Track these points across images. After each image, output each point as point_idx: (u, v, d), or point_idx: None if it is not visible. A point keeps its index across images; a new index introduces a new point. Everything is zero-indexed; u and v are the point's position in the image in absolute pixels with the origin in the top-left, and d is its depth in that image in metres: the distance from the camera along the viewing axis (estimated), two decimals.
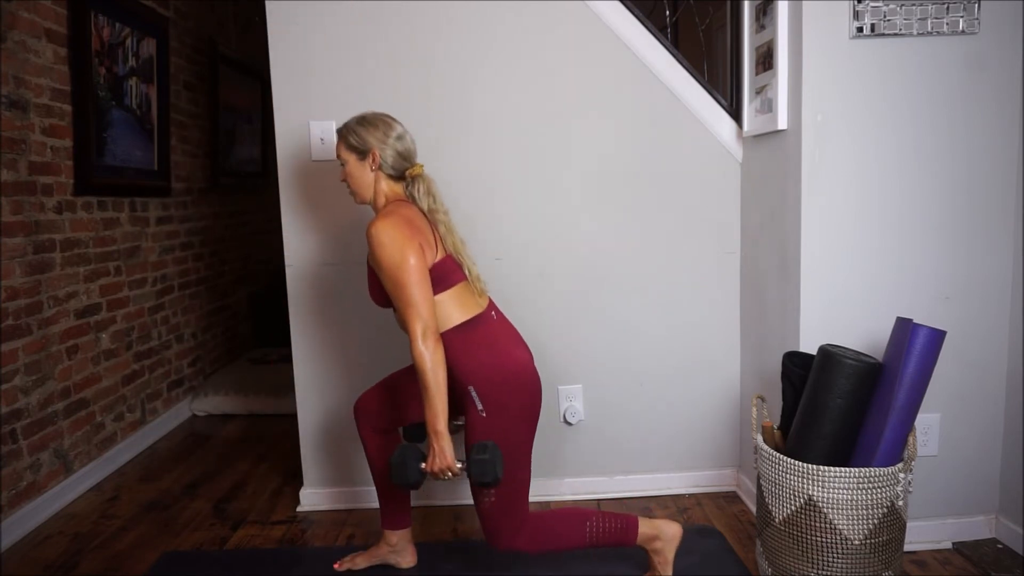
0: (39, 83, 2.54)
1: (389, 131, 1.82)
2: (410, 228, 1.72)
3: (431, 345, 1.66)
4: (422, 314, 1.67)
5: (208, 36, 3.97)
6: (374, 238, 1.70)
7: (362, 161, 1.82)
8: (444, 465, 1.69)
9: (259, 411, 3.62)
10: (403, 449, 1.72)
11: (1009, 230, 2.03)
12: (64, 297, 2.68)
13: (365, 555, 2.09)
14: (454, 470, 1.70)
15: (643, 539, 1.88)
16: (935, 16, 1.93)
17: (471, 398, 1.75)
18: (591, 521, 1.86)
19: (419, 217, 1.80)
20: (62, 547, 2.30)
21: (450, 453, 1.69)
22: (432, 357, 1.66)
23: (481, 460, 1.67)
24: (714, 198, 2.44)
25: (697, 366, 2.51)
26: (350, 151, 1.83)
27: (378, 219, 1.73)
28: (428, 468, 1.71)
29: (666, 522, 1.90)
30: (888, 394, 1.74)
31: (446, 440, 1.69)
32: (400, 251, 1.68)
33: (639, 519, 1.88)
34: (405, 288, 1.68)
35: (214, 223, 4.07)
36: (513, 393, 1.77)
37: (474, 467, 1.67)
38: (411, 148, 1.86)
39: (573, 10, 2.35)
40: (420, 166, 1.86)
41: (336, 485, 2.52)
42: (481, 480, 1.67)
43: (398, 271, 1.68)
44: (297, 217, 2.41)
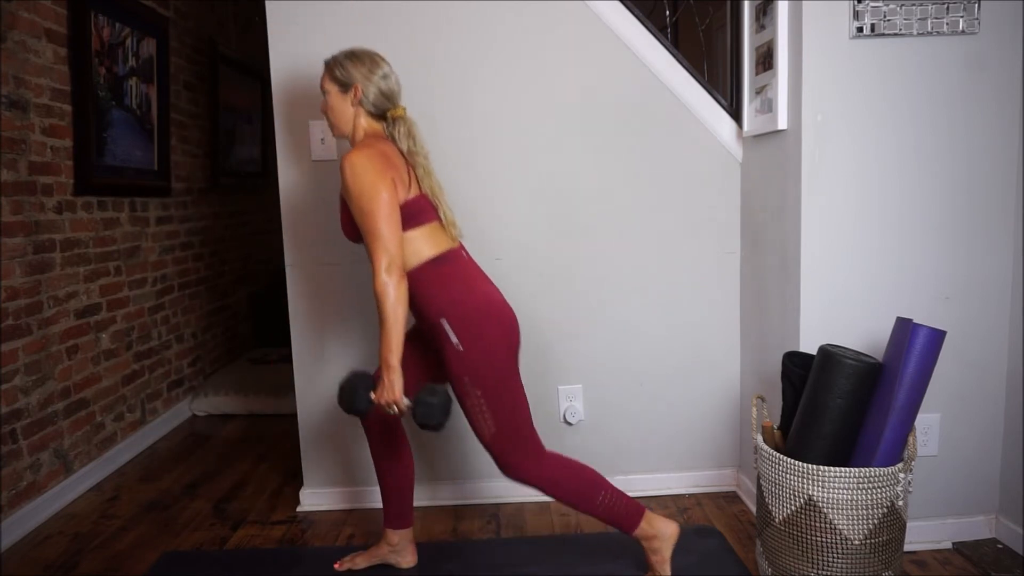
0: (39, 83, 2.54)
1: (375, 68, 1.83)
2: (384, 161, 1.73)
3: (395, 279, 1.67)
4: (388, 247, 1.68)
5: (208, 36, 3.97)
6: (348, 167, 1.71)
7: (344, 94, 1.83)
8: (392, 398, 1.70)
9: (259, 411, 3.62)
10: (355, 375, 1.74)
11: (1009, 230, 2.03)
12: (64, 297, 2.68)
13: (365, 555, 2.09)
14: (400, 406, 1.71)
15: (641, 534, 1.88)
16: (935, 16, 1.93)
17: (445, 333, 1.75)
18: (604, 493, 1.86)
19: (396, 155, 1.81)
20: (62, 547, 2.30)
21: (399, 388, 1.70)
22: (395, 291, 1.67)
23: (428, 403, 1.67)
24: (714, 198, 2.44)
25: (697, 366, 2.51)
26: (333, 82, 1.84)
27: (355, 150, 1.74)
28: (376, 398, 1.71)
29: (666, 522, 1.90)
30: (888, 394, 1.74)
31: (397, 374, 1.69)
32: (372, 182, 1.69)
33: (646, 513, 1.88)
34: (374, 219, 1.68)
35: (214, 223, 4.07)
36: (487, 324, 1.77)
37: (420, 408, 1.68)
38: (395, 89, 1.87)
39: (573, 10, 2.35)
40: (403, 108, 1.87)
41: (336, 485, 2.52)
42: (424, 422, 1.68)
43: (369, 202, 1.69)
44: (297, 217, 2.41)
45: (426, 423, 1.68)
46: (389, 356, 1.68)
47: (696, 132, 2.41)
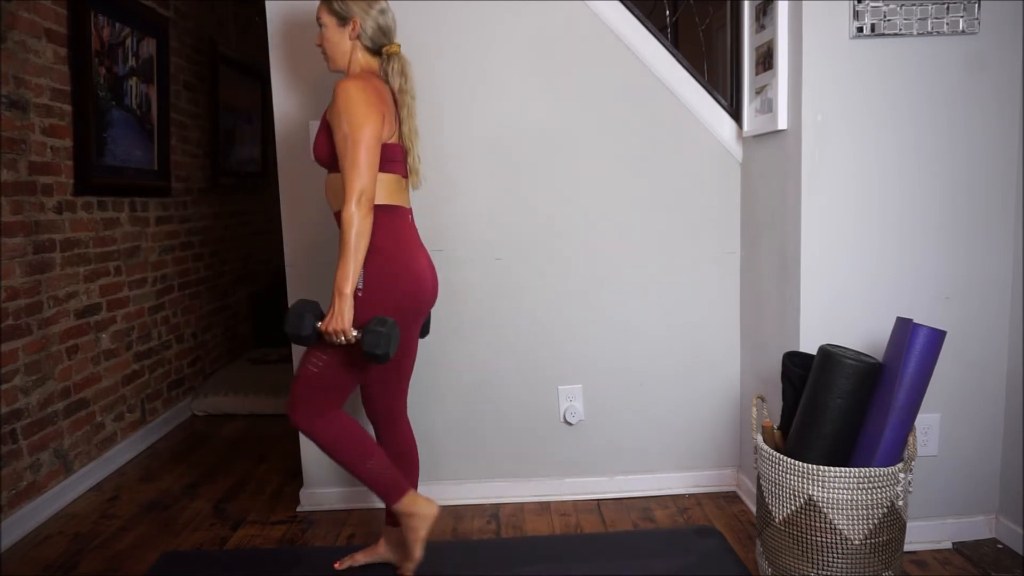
0: (39, 83, 2.54)
1: (373, 2, 1.84)
2: (378, 96, 1.75)
3: (363, 210, 1.68)
4: (364, 178, 1.69)
5: (208, 36, 3.98)
6: (342, 91, 1.71)
7: (342, 28, 1.83)
8: (340, 327, 1.69)
9: (259, 411, 3.62)
10: (303, 303, 1.73)
11: (1009, 230, 2.03)
12: (64, 297, 2.68)
13: (365, 553, 2.09)
14: (348, 335, 1.71)
15: (402, 508, 1.89)
16: (935, 16, 1.93)
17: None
18: (372, 460, 1.86)
19: (388, 94, 1.83)
20: (62, 547, 2.30)
21: (349, 317, 1.70)
22: (361, 222, 1.68)
23: (377, 332, 1.67)
24: (714, 198, 2.44)
25: (697, 366, 2.51)
26: (331, 15, 1.83)
27: (351, 78, 1.75)
28: (324, 327, 1.71)
29: (426, 502, 1.91)
30: (888, 394, 1.74)
31: (348, 303, 1.69)
32: (364, 114, 1.70)
33: (409, 493, 1.89)
34: (356, 148, 1.69)
35: (214, 223, 4.07)
36: (396, 284, 1.79)
37: (369, 336, 1.68)
38: (391, 25, 1.88)
39: (573, 10, 2.35)
40: (397, 45, 1.88)
41: (336, 485, 2.52)
42: (373, 351, 1.67)
43: (356, 129, 1.69)
44: (297, 217, 2.41)
45: (375, 352, 1.68)
46: (344, 284, 1.68)
47: (696, 132, 2.41)
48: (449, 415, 2.49)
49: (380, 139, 1.74)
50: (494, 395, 2.49)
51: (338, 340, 1.71)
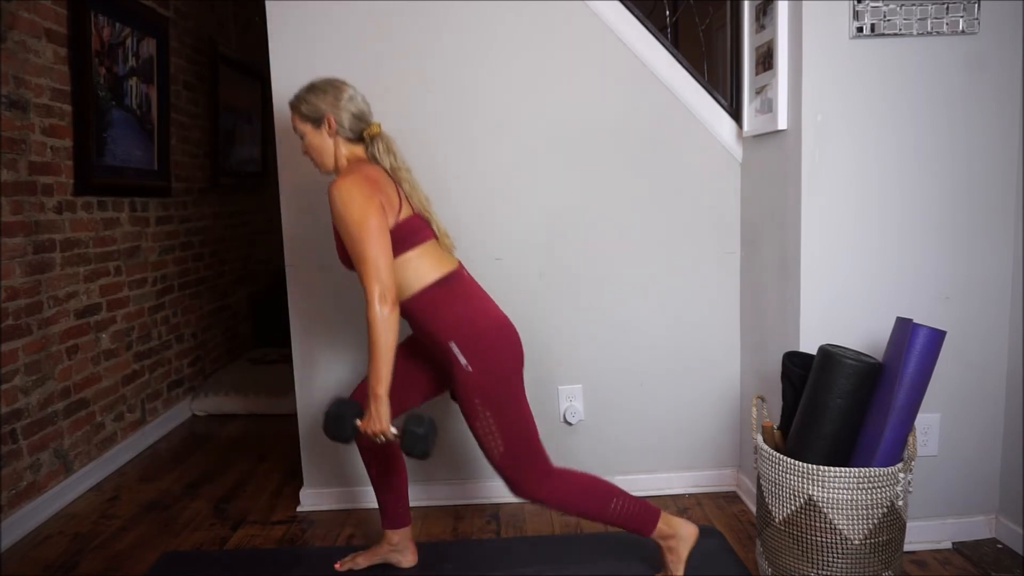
0: (39, 83, 2.54)
1: (340, 94, 1.81)
2: (371, 186, 1.71)
3: (388, 309, 1.66)
4: (380, 274, 1.66)
5: (208, 36, 3.97)
6: (334, 196, 1.69)
7: (318, 129, 1.81)
8: (379, 428, 1.69)
9: (259, 411, 3.62)
10: (340, 403, 1.73)
11: (1009, 230, 2.03)
12: (64, 297, 2.68)
13: (366, 554, 2.09)
14: (388, 435, 1.70)
15: (659, 534, 1.88)
16: (935, 16, 1.93)
17: (454, 355, 1.74)
18: (616, 499, 1.85)
19: (382, 175, 1.79)
20: (62, 547, 2.30)
21: (386, 418, 1.69)
22: (387, 320, 1.65)
23: (414, 433, 1.68)
24: (714, 198, 2.44)
25: (697, 366, 2.51)
26: (305, 121, 1.81)
27: (339, 178, 1.72)
28: (363, 427, 1.71)
29: (683, 522, 1.90)
30: (888, 394, 1.74)
31: (385, 404, 1.69)
32: (360, 209, 1.67)
33: (662, 514, 1.88)
34: (364, 246, 1.67)
35: (214, 223, 4.07)
36: (495, 344, 1.77)
37: (406, 438, 1.68)
38: (364, 108, 1.85)
39: (573, 10, 2.35)
40: (377, 124, 1.85)
41: (336, 485, 2.52)
42: (410, 452, 1.68)
43: (359, 229, 1.67)
44: (297, 217, 2.41)
45: (412, 452, 1.69)
46: (378, 387, 1.67)
47: (696, 132, 2.41)
48: (449, 415, 2.49)
49: (385, 229, 1.69)
50: None
51: (378, 440, 1.72)
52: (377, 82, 2.34)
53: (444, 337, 1.74)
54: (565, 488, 1.84)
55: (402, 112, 2.35)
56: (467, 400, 1.75)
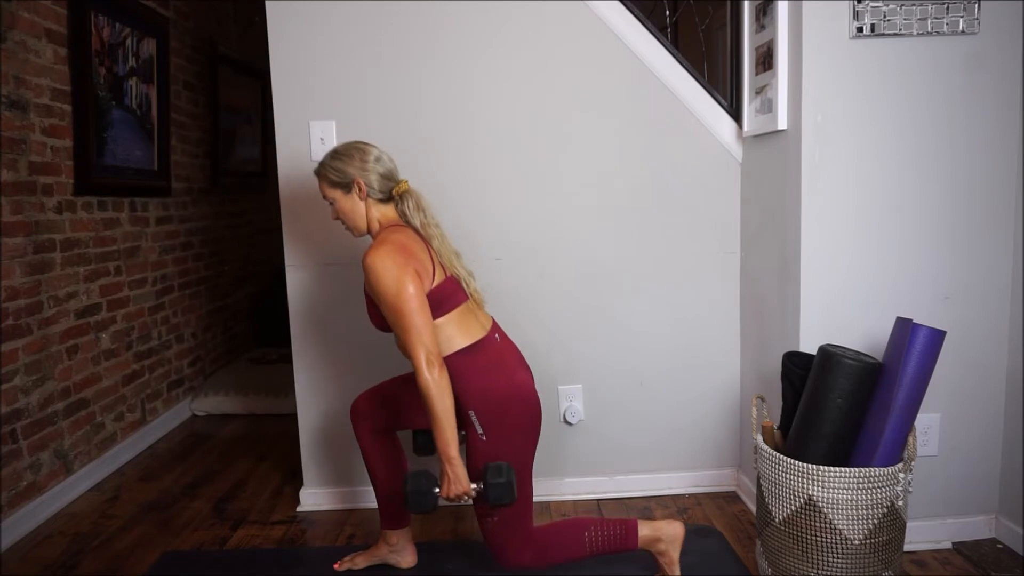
0: (39, 83, 2.54)
1: (366, 156, 1.81)
2: (404, 255, 1.72)
3: (436, 372, 1.67)
4: (424, 341, 1.67)
5: (208, 36, 3.97)
6: (371, 269, 1.69)
7: (348, 194, 1.82)
8: (461, 491, 1.70)
9: (259, 411, 3.62)
10: (416, 477, 1.71)
11: (1009, 230, 2.03)
12: (64, 297, 2.68)
13: (365, 554, 2.09)
14: (471, 494, 1.72)
15: (645, 542, 1.88)
16: (935, 16, 1.93)
17: (471, 422, 1.77)
18: (589, 531, 1.86)
19: (413, 240, 1.79)
20: (62, 547, 2.30)
21: (465, 479, 1.70)
22: (438, 383, 1.67)
23: (499, 484, 1.68)
24: (714, 198, 2.44)
25: (697, 366, 2.51)
26: (335, 188, 1.82)
27: (372, 249, 1.72)
28: (444, 494, 1.71)
29: (667, 523, 1.90)
30: (888, 394, 1.74)
31: (460, 466, 1.70)
32: (397, 280, 1.68)
33: (639, 523, 1.88)
34: (405, 316, 1.68)
35: (214, 223, 4.07)
36: (514, 416, 1.78)
37: (492, 491, 1.68)
38: (391, 167, 1.85)
39: (573, 10, 2.35)
40: (405, 182, 1.86)
41: (336, 485, 2.52)
42: (499, 502, 1.69)
43: (397, 299, 1.68)
44: (297, 217, 2.41)
45: (502, 503, 1.70)
46: (448, 448, 1.68)
47: (696, 132, 2.41)
48: None
49: (423, 294, 1.70)
50: None
51: (461, 502, 1.73)
52: (377, 83, 2.35)
53: (464, 403, 1.76)
54: (544, 545, 1.85)
55: (402, 112, 2.35)
56: (474, 465, 1.77)
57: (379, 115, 2.36)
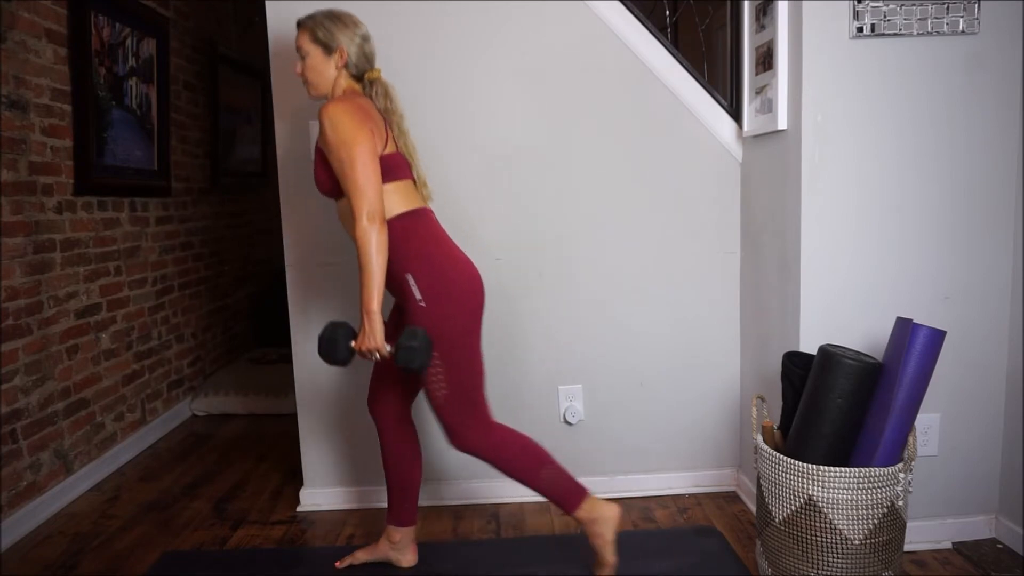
0: (39, 83, 2.54)
1: (358, 30, 1.85)
2: (363, 114, 1.74)
3: (376, 226, 1.68)
4: (369, 195, 1.68)
5: (208, 36, 3.97)
6: (328, 117, 1.71)
7: (328, 56, 1.82)
8: (373, 345, 1.70)
9: (259, 411, 3.62)
10: (334, 326, 1.72)
11: (1009, 230, 2.03)
12: (64, 297, 2.68)
13: (366, 551, 2.09)
14: (383, 352, 1.71)
15: (583, 516, 1.89)
16: (935, 16, 1.93)
17: (409, 287, 1.76)
18: (548, 467, 1.89)
19: (373, 109, 1.82)
20: (62, 547, 2.30)
21: (380, 334, 1.70)
22: (377, 238, 1.67)
23: (410, 347, 1.67)
24: (714, 198, 2.44)
25: (697, 366, 2.51)
26: (316, 44, 1.81)
27: (332, 101, 1.74)
28: (357, 347, 1.71)
29: (607, 504, 1.91)
30: (888, 394, 1.74)
31: (378, 320, 1.69)
32: (352, 132, 1.69)
33: (589, 496, 1.89)
34: (354, 168, 1.69)
35: (214, 223, 4.07)
36: (452, 283, 1.78)
37: (401, 353, 1.68)
38: (374, 51, 1.89)
39: (573, 10, 2.35)
40: (378, 70, 1.89)
41: (336, 485, 2.52)
42: (408, 366, 1.68)
43: (348, 151, 1.69)
44: (297, 217, 2.41)
45: (409, 366, 1.69)
46: (370, 302, 1.68)
47: (696, 132, 2.41)
48: None
49: (375, 152, 1.73)
50: (494, 395, 2.48)
51: (373, 358, 1.72)
52: None
53: (401, 268, 1.76)
54: (503, 443, 1.86)
55: None
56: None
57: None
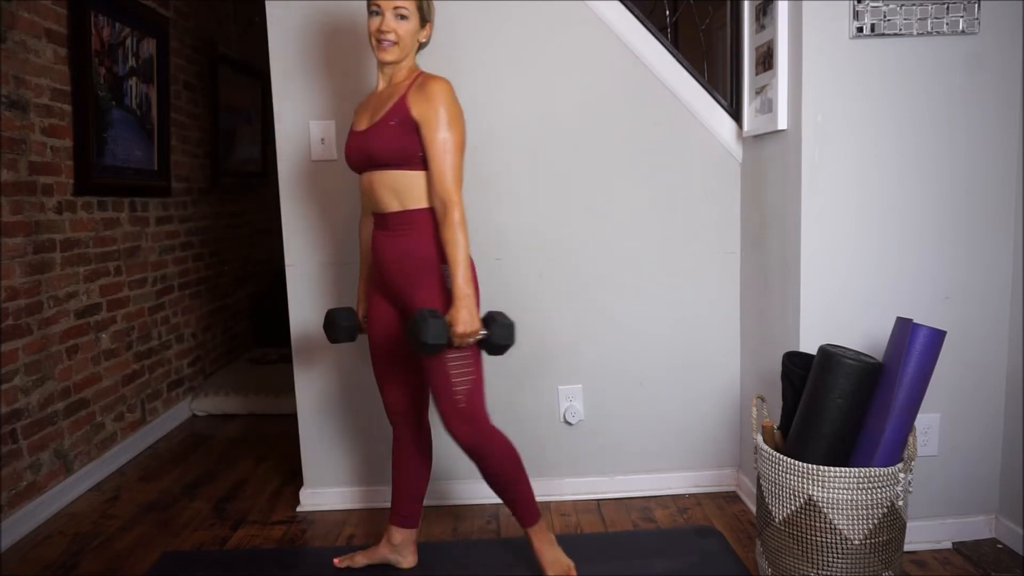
0: (39, 83, 2.54)
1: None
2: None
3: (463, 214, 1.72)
4: (460, 182, 1.73)
5: (208, 36, 3.97)
6: (443, 91, 1.72)
7: (420, 28, 1.81)
8: (472, 330, 1.70)
9: (259, 411, 3.62)
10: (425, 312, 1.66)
11: (1009, 230, 2.03)
12: (64, 297, 2.68)
13: (365, 553, 2.09)
14: (478, 336, 1.73)
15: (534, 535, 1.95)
16: (935, 16, 1.93)
17: (441, 276, 1.77)
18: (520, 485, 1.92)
19: None
20: (62, 547, 2.30)
21: (477, 319, 1.71)
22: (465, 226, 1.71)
23: (505, 324, 1.70)
24: (714, 198, 2.44)
25: (697, 366, 2.50)
26: (418, 11, 1.79)
27: (443, 79, 1.75)
28: (457, 332, 1.68)
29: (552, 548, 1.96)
30: (888, 394, 1.74)
31: (475, 305, 1.71)
32: (460, 117, 1.74)
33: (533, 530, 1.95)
34: (457, 151, 1.73)
35: (214, 223, 4.07)
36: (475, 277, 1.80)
37: (502, 331, 1.69)
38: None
39: (573, 10, 2.35)
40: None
41: (336, 485, 2.52)
42: (506, 343, 1.70)
43: (457, 132, 1.72)
44: (297, 217, 2.41)
45: (506, 344, 1.71)
46: (467, 286, 1.70)
47: (696, 132, 2.41)
48: None
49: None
50: (494, 395, 2.47)
51: (466, 343, 1.72)
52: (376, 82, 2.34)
53: (436, 256, 1.78)
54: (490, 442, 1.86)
55: None
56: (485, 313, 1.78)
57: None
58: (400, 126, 1.75)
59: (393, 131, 1.75)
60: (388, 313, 1.93)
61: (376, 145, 1.77)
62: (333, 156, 2.36)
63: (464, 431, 1.82)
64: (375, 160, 1.79)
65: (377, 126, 1.78)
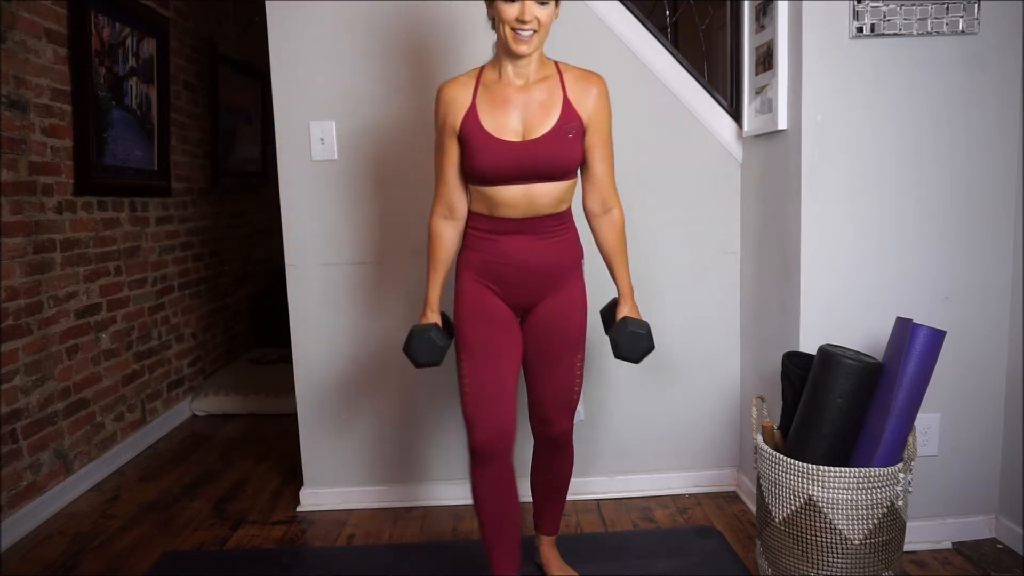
0: (39, 83, 2.54)
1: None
2: None
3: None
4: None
5: (208, 36, 3.97)
6: (607, 91, 1.71)
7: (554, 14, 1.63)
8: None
9: (259, 411, 3.62)
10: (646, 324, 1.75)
11: (1009, 230, 2.03)
12: (64, 297, 2.68)
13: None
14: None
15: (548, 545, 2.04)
16: (935, 16, 1.93)
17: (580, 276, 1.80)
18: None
19: None
20: (62, 547, 2.30)
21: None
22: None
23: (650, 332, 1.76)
24: (714, 198, 2.44)
25: (697, 366, 2.50)
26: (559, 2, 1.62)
27: (598, 75, 1.73)
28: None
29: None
30: (888, 394, 1.74)
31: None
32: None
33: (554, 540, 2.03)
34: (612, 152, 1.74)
35: (214, 223, 4.07)
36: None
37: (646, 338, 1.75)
38: None
39: (573, 10, 2.34)
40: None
41: (336, 485, 2.52)
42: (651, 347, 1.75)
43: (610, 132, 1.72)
44: (297, 217, 2.41)
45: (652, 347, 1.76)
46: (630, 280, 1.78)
47: (696, 132, 2.41)
48: (450, 415, 2.49)
49: None
50: None
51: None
52: (378, 82, 2.35)
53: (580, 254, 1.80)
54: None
55: (403, 111, 2.35)
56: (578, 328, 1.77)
57: (379, 115, 2.36)
58: (577, 135, 1.63)
59: (572, 144, 1.62)
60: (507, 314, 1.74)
61: (559, 162, 1.61)
62: (333, 156, 2.36)
63: (570, 426, 1.85)
64: (551, 174, 1.62)
65: (552, 137, 1.60)
